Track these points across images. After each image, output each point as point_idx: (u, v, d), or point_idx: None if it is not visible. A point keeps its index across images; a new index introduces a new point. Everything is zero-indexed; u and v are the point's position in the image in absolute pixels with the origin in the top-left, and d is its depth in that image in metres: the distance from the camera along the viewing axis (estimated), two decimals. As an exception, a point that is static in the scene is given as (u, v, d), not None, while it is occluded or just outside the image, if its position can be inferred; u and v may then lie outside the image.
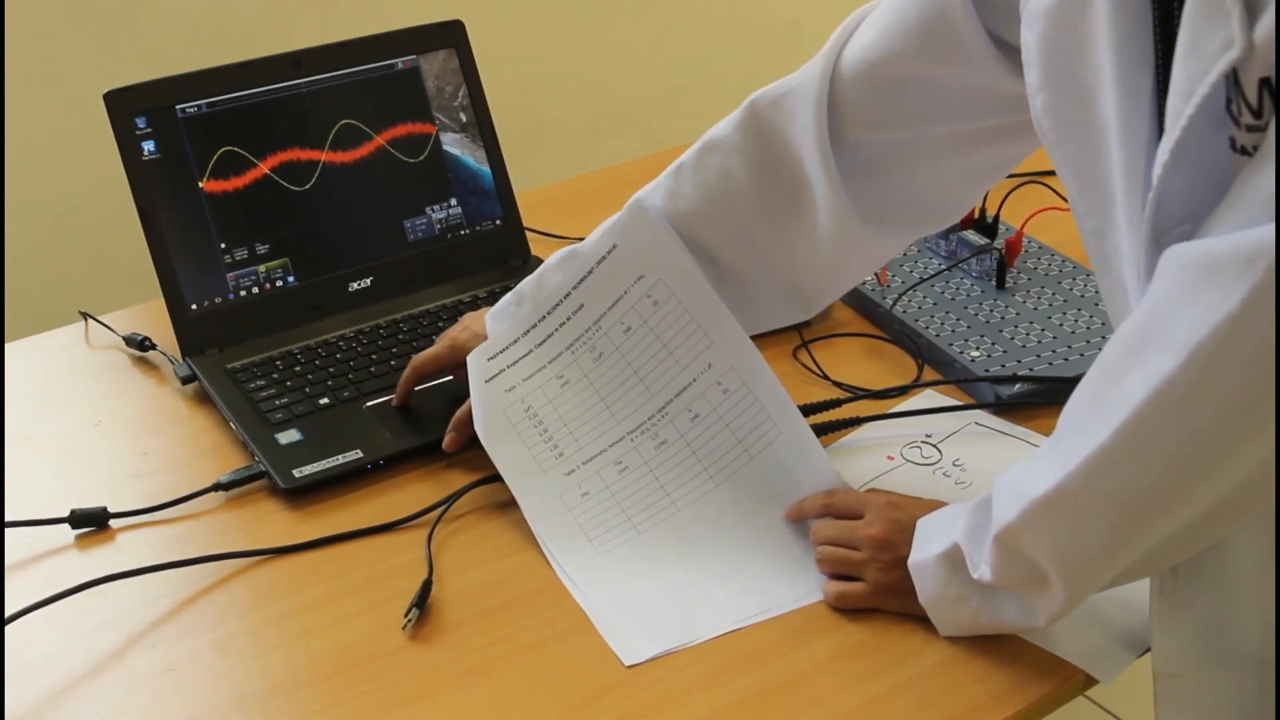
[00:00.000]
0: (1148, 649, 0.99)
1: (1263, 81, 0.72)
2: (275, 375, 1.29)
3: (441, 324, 1.36)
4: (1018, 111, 0.98)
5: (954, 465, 1.20)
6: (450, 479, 1.19)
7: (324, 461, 1.18)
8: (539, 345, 1.18)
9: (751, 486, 1.13)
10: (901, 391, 1.29)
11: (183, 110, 1.32)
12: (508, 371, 1.18)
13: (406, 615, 1.03)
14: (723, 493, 1.13)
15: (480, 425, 1.16)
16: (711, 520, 1.12)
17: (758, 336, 1.17)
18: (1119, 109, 0.83)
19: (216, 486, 1.17)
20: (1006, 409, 1.25)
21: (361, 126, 1.40)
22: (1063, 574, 0.90)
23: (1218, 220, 0.77)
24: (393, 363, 1.31)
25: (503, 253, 1.47)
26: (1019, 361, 1.29)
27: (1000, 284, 1.42)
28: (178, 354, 1.32)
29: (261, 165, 1.36)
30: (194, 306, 1.32)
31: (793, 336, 1.35)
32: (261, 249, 1.35)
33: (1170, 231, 0.80)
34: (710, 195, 1.13)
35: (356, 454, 1.19)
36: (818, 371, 1.32)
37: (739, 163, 1.11)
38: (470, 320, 1.24)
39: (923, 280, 1.43)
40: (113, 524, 1.14)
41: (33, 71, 2.02)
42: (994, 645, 1.01)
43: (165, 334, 1.34)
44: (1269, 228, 0.73)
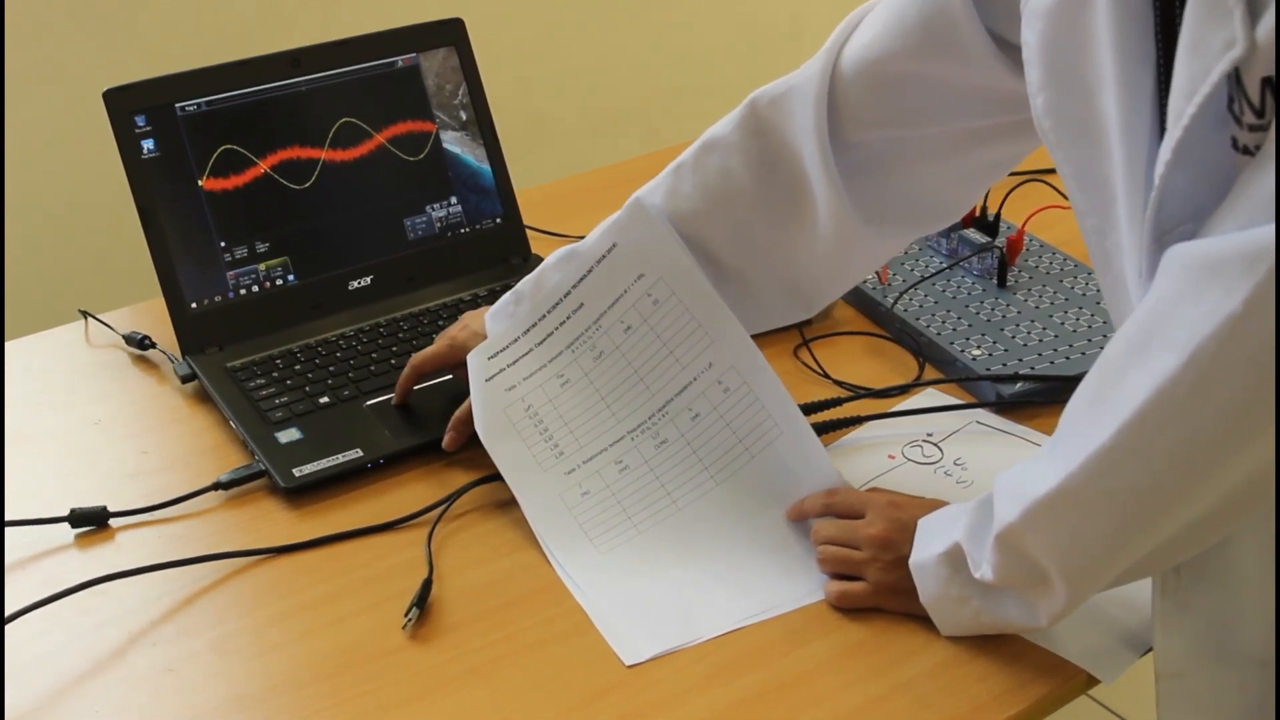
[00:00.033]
0: (1150, 649, 0.99)
1: (1265, 81, 0.72)
2: (275, 374, 1.29)
3: (441, 322, 1.35)
4: (1018, 110, 0.98)
5: (955, 464, 1.19)
6: (450, 478, 1.18)
7: (324, 460, 1.18)
8: (539, 344, 1.18)
9: (752, 486, 1.13)
10: (902, 390, 1.29)
11: (182, 109, 1.32)
12: (508, 370, 1.18)
13: (406, 615, 1.03)
14: (723, 492, 1.13)
15: (480, 424, 1.16)
16: (712, 519, 1.12)
17: (758, 335, 1.17)
18: (1120, 108, 0.82)
19: (216, 485, 1.17)
20: (1008, 408, 1.25)
21: (361, 125, 1.40)
22: (1064, 574, 0.90)
23: (1220, 219, 0.77)
24: (393, 361, 1.30)
25: (503, 251, 1.47)
26: (1020, 360, 1.29)
27: (1001, 282, 1.42)
28: (177, 353, 1.32)
29: (261, 164, 1.35)
30: (194, 305, 1.32)
31: (793, 335, 1.35)
32: (261, 247, 1.35)
33: (1172, 231, 0.80)
34: (710, 194, 1.13)
35: (356, 453, 1.19)
36: (818, 370, 1.32)
37: (739, 161, 1.11)
38: (470, 319, 1.24)
39: (924, 279, 1.43)
40: (112, 523, 1.14)
41: (32, 70, 2.02)
42: (995, 645, 1.01)
43: (165, 332, 1.34)
44: (1272, 227, 0.73)
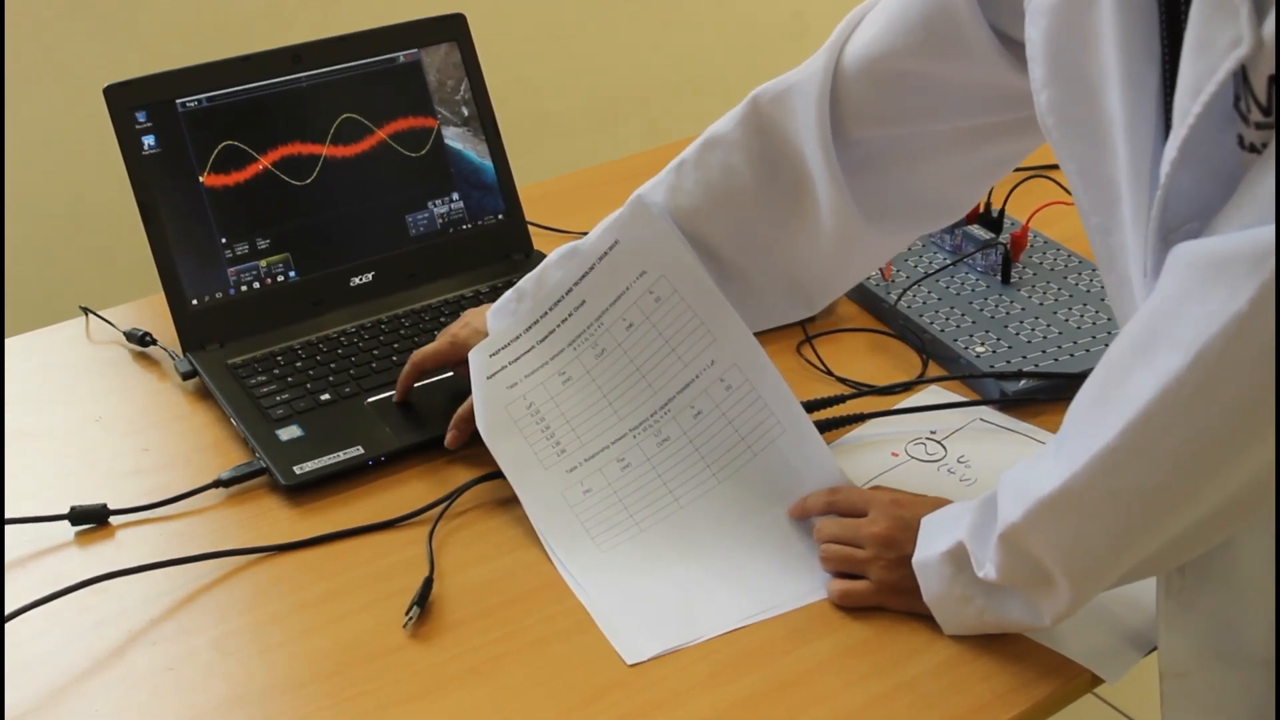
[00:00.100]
0: (1154, 648, 0.98)
1: (1272, 78, 0.72)
2: (276, 371, 1.28)
3: (443, 319, 1.35)
4: (1021, 108, 0.98)
5: (959, 462, 1.19)
6: (451, 476, 1.18)
7: (325, 458, 1.18)
8: (541, 341, 1.17)
9: (754, 483, 1.12)
10: (906, 387, 1.28)
11: (183, 105, 1.31)
12: (509, 368, 1.17)
13: (407, 613, 1.03)
14: (725, 490, 1.13)
15: (482, 422, 1.15)
16: (714, 517, 1.12)
17: (761, 332, 1.17)
18: (1124, 105, 0.82)
19: (217, 483, 1.16)
20: (1011, 405, 1.25)
21: (363, 120, 1.39)
22: (1068, 574, 0.90)
23: (1226, 218, 0.77)
24: (394, 358, 1.30)
25: (505, 247, 1.46)
26: (1024, 357, 1.29)
27: (1005, 279, 1.41)
28: (178, 349, 1.31)
29: (262, 160, 1.35)
30: (195, 302, 1.32)
31: (796, 332, 1.35)
32: (262, 244, 1.35)
33: (1177, 229, 0.80)
34: (712, 191, 1.12)
35: (357, 450, 1.19)
36: (821, 367, 1.31)
37: (741, 159, 1.11)
38: (471, 316, 1.23)
39: (927, 275, 1.42)
40: (113, 521, 1.14)
41: (33, 66, 2.02)
42: (998, 644, 1.00)
43: (166, 329, 1.33)
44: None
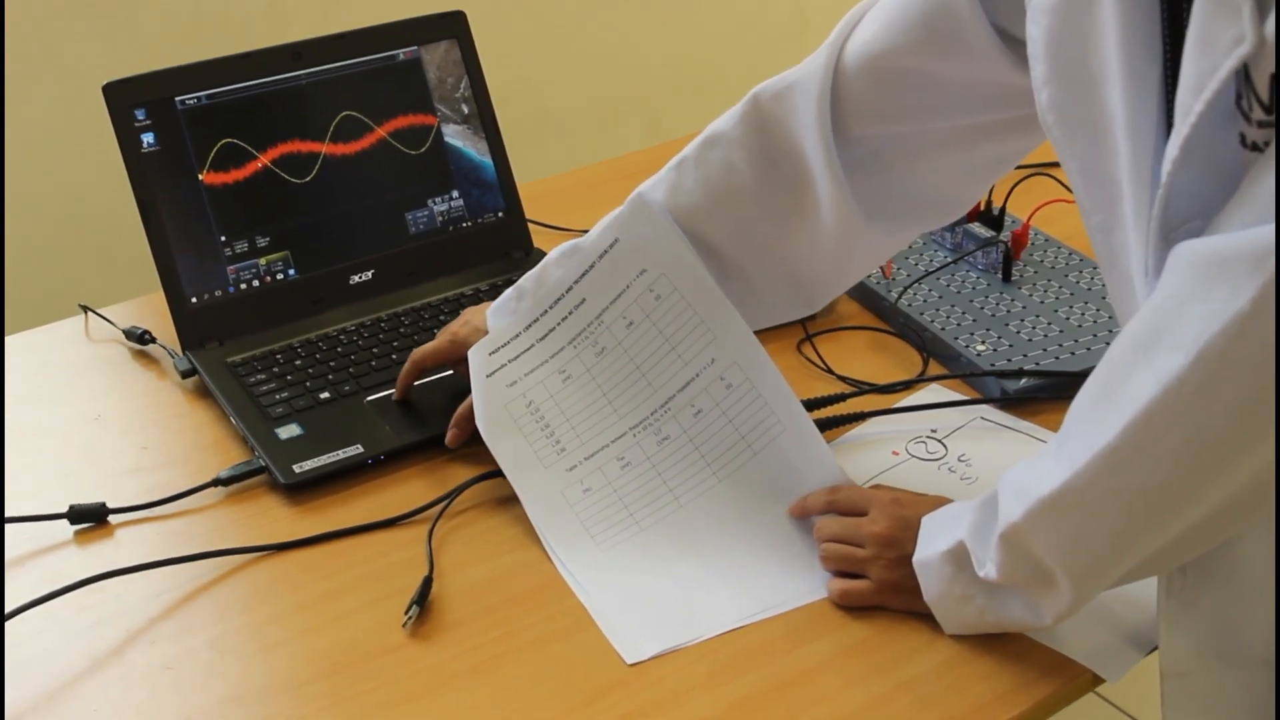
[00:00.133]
0: (1155, 647, 0.98)
1: (1274, 76, 0.71)
2: (275, 369, 1.28)
3: (443, 317, 1.35)
4: (1022, 106, 0.97)
5: (959, 460, 1.19)
6: (451, 474, 1.18)
7: (324, 457, 1.18)
8: (540, 340, 1.17)
9: (755, 482, 1.12)
10: (906, 386, 1.28)
11: (182, 102, 1.31)
12: (509, 366, 1.17)
13: (407, 612, 1.03)
14: (725, 488, 1.12)
15: (481, 420, 1.15)
16: (714, 516, 1.11)
17: (761, 331, 1.16)
18: (1126, 104, 0.82)
19: (216, 482, 1.16)
20: (1012, 404, 1.25)
21: (362, 118, 1.39)
22: (1069, 573, 0.89)
23: (1228, 217, 0.76)
24: (394, 357, 1.30)
25: (505, 245, 1.46)
26: (1025, 356, 1.28)
27: (1006, 277, 1.41)
28: (178, 347, 1.31)
29: (262, 157, 1.35)
30: (194, 300, 1.31)
31: (797, 330, 1.35)
32: (262, 242, 1.34)
33: (1179, 228, 0.79)
34: (712, 189, 1.12)
35: (357, 449, 1.19)
36: (822, 365, 1.31)
37: (741, 157, 1.10)
38: (471, 315, 1.23)
39: (928, 273, 1.42)
40: (112, 520, 1.14)
41: (32, 64, 2.01)
42: (999, 644, 1.00)
43: (165, 327, 1.33)
44: None
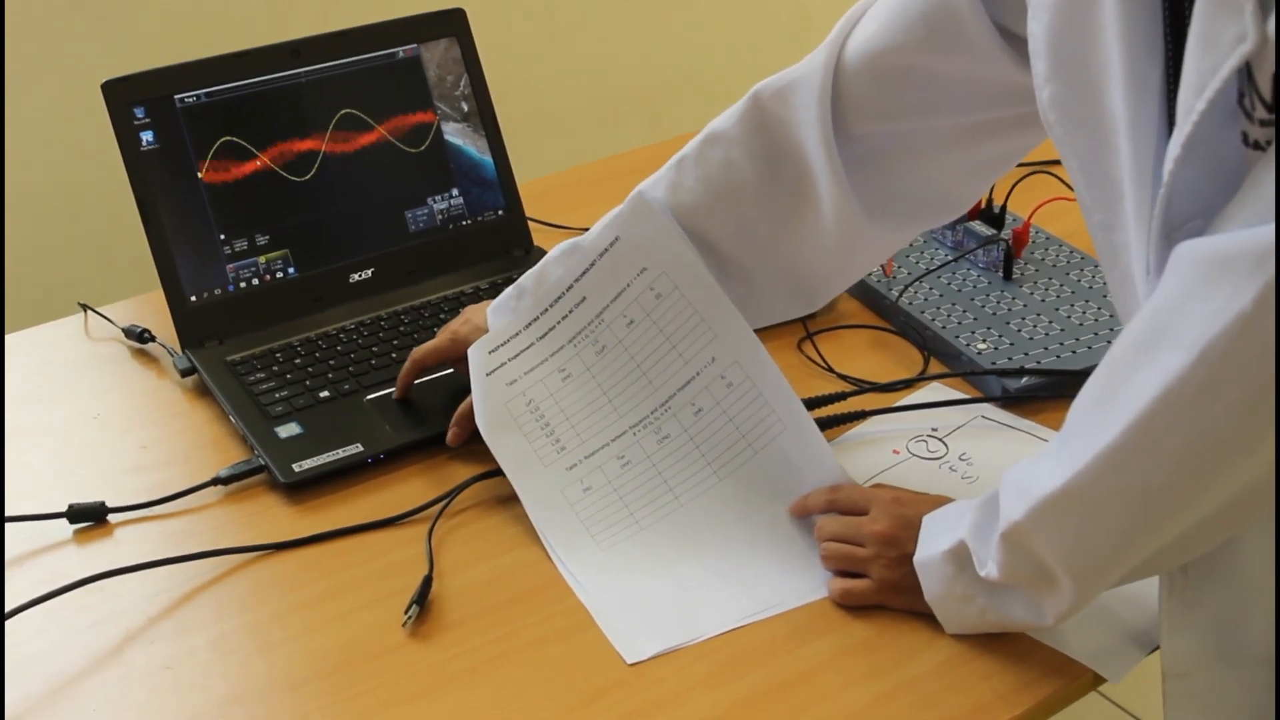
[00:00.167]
0: (1157, 647, 0.98)
1: (1277, 75, 0.71)
2: (275, 368, 1.28)
3: (443, 316, 1.35)
4: (1023, 103, 0.97)
5: (960, 459, 1.18)
6: (451, 473, 1.18)
7: (324, 455, 1.17)
8: (541, 338, 1.17)
9: (755, 481, 1.12)
10: (907, 384, 1.28)
11: (181, 100, 1.31)
12: (509, 364, 1.17)
13: (407, 612, 1.02)
14: (726, 488, 1.12)
15: (481, 419, 1.15)
16: (715, 515, 1.11)
17: (762, 329, 1.16)
18: (1127, 102, 0.81)
19: (215, 481, 1.16)
20: (1013, 402, 1.24)
21: (362, 116, 1.39)
22: (1071, 573, 0.89)
23: (1230, 216, 0.76)
24: (394, 355, 1.30)
25: (505, 243, 1.46)
26: (1026, 354, 1.28)
27: (1007, 275, 1.41)
28: (177, 346, 1.31)
29: (261, 156, 1.34)
30: (193, 298, 1.31)
31: (797, 328, 1.34)
32: (261, 240, 1.34)
33: (1181, 227, 0.79)
34: (713, 187, 1.12)
35: (357, 448, 1.18)
36: (822, 364, 1.31)
37: (741, 155, 1.10)
38: (471, 313, 1.23)
39: (929, 271, 1.42)
40: (111, 519, 1.13)
41: (32, 62, 2.01)
42: (1000, 643, 1.00)
43: (165, 326, 1.33)
44: None
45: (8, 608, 1.02)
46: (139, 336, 1.35)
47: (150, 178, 1.29)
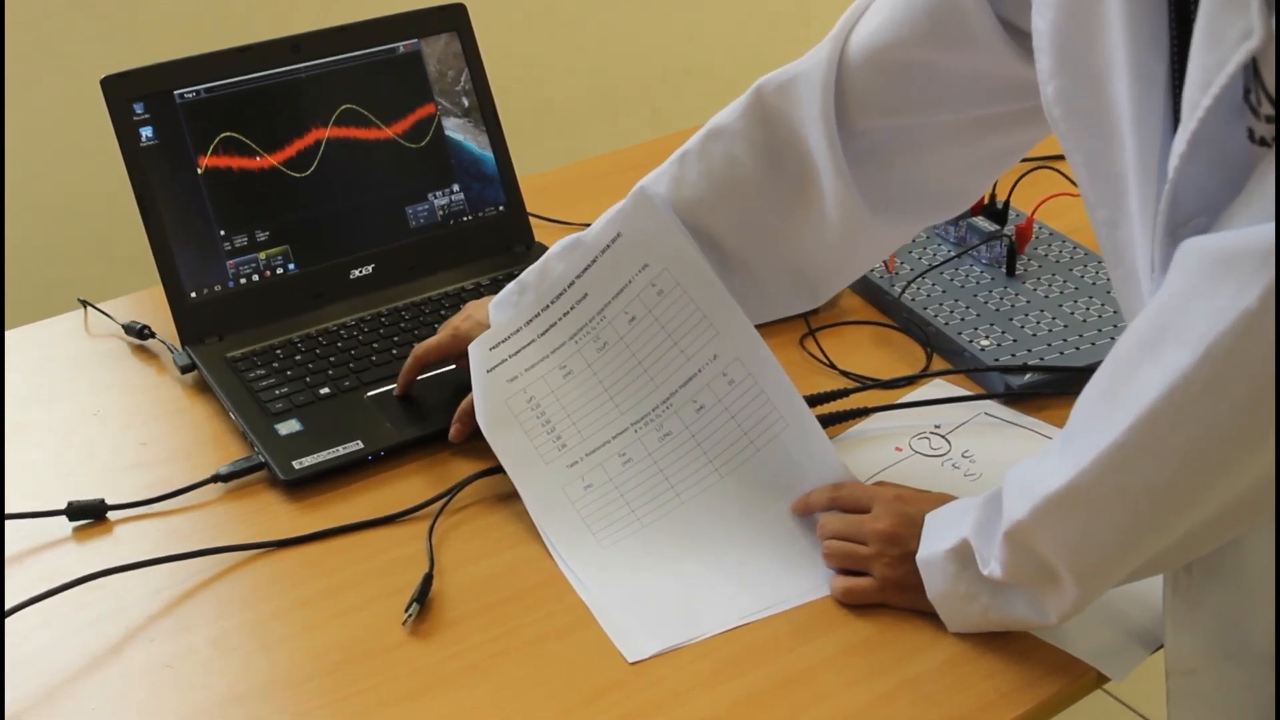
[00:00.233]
0: (1160, 646, 0.97)
1: (1282, 71, 0.71)
2: (275, 364, 1.27)
3: (444, 312, 1.34)
4: (1027, 98, 0.96)
5: (963, 456, 1.18)
6: (452, 470, 1.17)
7: (324, 452, 1.17)
8: (542, 335, 1.16)
9: (757, 479, 1.11)
10: (910, 381, 1.27)
11: (181, 96, 1.30)
12: (510, 361, 1.16)
13: (407, 610, 1.02)
14: (728, 485, 1.12)
15: (482, 415, 1.15)
16: (716, 513, 1.11)
17: (764, 325, 1.16)
18: (1132, 98, 0.81)
19: (215, 478, 1.16)
20: (1017, 399, 1.24)
21: (362, 111, 1.38)
22: (1075, 572, 0.89)
23: (1235, 213, 0.76)
24: (394, 351, 1.29)
25: (506, 239, 1.45)
26: (1029, 350, 1.28)
27: (1010, 271, 1.40)
28: (177, 342, 1.30)
29: (261, 151, 1.34)
30: (193, 294, 1.31)
31: (800, 325, 1.34)
32: (261, 236, 1.34)
33: (1186, 224, 0.78)
34: (715, 182, 1.11)
35: (357, 445, 1.18)
36: (825, 361, 1.30)
37: (744, 149, 1.10)
38: (473, 309, 1.23)
39: (932, 267, 1.41)
40: (110, 516, 1.13)
41: (31, 57, 2.01)
42: (1003, 642, 0.99)
43: (164, 322, 1.32)
44: None
45: (7, 605, 1.01)
46: (139, 333, 1.34)
47: (150, 174, 1.29)
